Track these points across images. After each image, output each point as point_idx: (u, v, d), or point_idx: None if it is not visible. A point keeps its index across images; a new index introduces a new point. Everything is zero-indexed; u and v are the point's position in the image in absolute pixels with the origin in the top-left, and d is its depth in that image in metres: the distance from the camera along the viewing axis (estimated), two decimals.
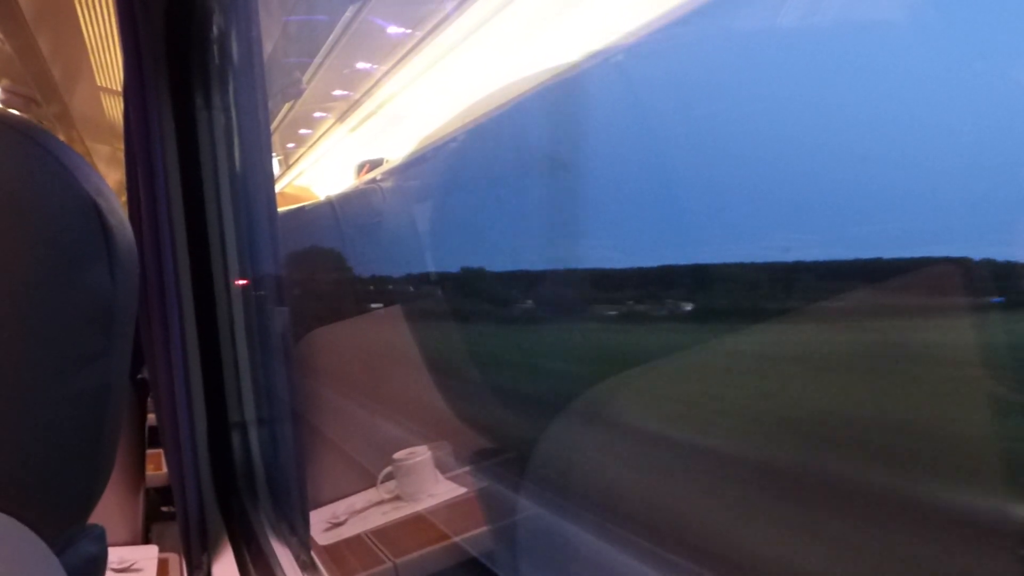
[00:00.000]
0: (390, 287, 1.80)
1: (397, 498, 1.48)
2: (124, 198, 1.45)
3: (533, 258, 0.87)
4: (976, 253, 0.40)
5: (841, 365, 0.49)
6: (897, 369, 0.45)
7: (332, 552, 1.38)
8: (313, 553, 1.28)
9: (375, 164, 3.22)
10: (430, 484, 1.47)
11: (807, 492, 0.51)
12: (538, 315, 0.91)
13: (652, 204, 0.69)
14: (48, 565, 0.40)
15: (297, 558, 1.24)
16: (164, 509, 2.37)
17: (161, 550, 1.72)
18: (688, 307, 0.69)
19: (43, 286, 0.43)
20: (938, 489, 0.43)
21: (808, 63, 0.51)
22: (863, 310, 0.48)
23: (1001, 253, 0.39)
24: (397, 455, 1.49)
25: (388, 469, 1.49)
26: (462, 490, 1.44)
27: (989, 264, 0.40)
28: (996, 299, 0.40)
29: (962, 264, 0.41)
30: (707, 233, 0.62)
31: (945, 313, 0.43)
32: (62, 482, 0.46)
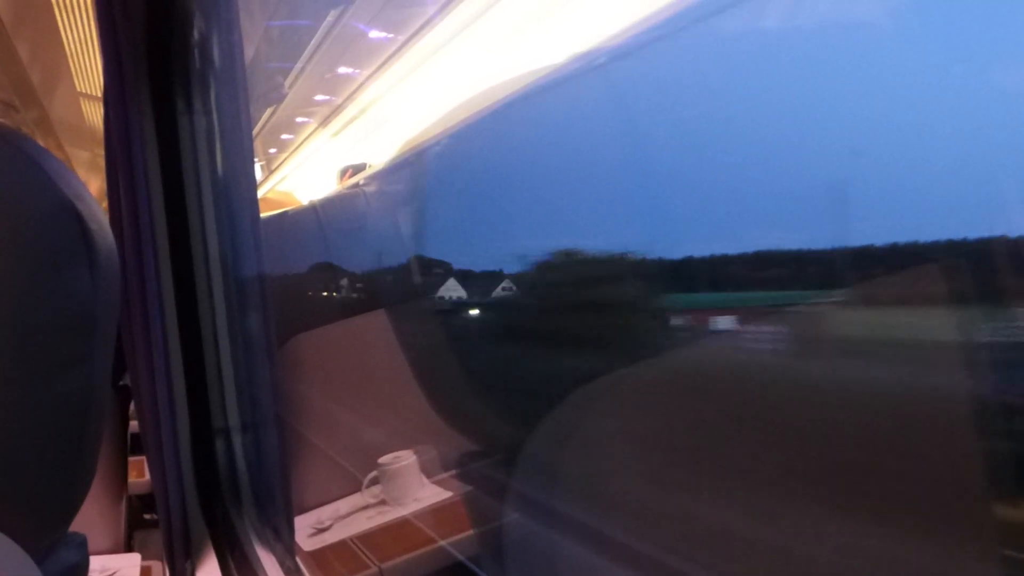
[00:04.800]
0: (374, 290, 1.80)
1: (382, 503, 1.48)
2: (105, 204, 1.44)
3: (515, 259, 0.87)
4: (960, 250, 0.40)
5: (827, 360, 0.49)
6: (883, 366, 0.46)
7: (317, 558, 1.37)
8: (298, 559, 1.28)
9: (358, 169, 3.22)
10: (415, 488, 1.47)
11: (798, 493, 0.51)
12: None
13: (638, 204, 0.70)
14: (28, 573, 0.40)
15: (282, 564, 1.23)
16: (147, 516, 2.36)
17: (144, 558, 1.71)
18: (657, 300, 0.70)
19: (23, 291, 0.43)
20: (925, 487, 0.43)
21: (791, 64, 0.52)
22: (848, 306, 0.48)
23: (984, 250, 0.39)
24: (382, 459, 1.48)
25: (373, 474, 1.49)
26: (448, 494, 1.43)
27: (973, 262, 0.40)
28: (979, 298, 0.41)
29: (947, 263, 0.41)
30: (695, 230, 0.62)
31: (929, 311, 0.43)
32: (42, 489, 0.45)
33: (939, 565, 0.43)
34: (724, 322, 0.61)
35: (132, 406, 2.10)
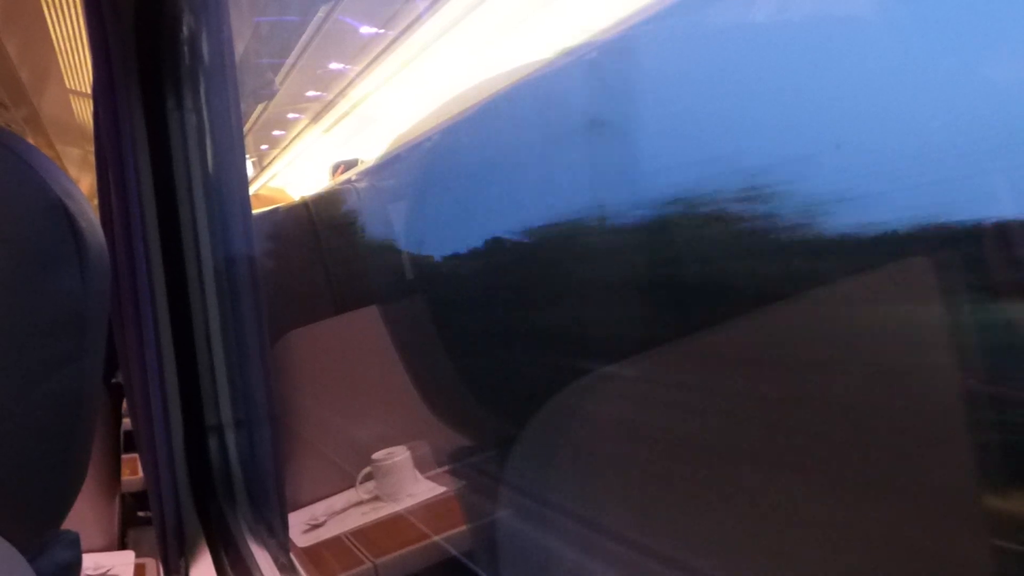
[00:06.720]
0: (367, 287, 1.80)
1: (376, 498, 1.48)
2: (96, 202, 1.43)
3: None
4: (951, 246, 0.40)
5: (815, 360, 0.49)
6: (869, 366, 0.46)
7: (311, 554, 1.38)
8: (292, 555, 1.28)
9: (350, 165, 3.21)
10: (409, 484, 1.47)
11: (792, 489, 0.51)
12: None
13: (628, 203, 0.70)
14: (20, 571, 0.40)
15: (276, 560, 1.23)
16: (140, 514, 2.36)
17: (138, 555, 1.70)
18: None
19: (12, 290, 0.43)
20: (914, 482, 0.44)
21: (785, 57, 0.52)
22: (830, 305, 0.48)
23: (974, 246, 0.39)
24: (376, 455, 1.49)
25: (367, 469, 1.49)
26: (441, 489, 1.44)
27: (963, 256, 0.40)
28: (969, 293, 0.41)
29: (936, 258, 0.41)
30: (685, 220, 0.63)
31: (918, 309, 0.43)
32: (34, 487, 0.45)
33: (932, 555, 0.43)
34: (708, 316, 0.61)
35: (125, 403, 2.10)
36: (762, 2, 0.56)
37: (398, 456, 1.48)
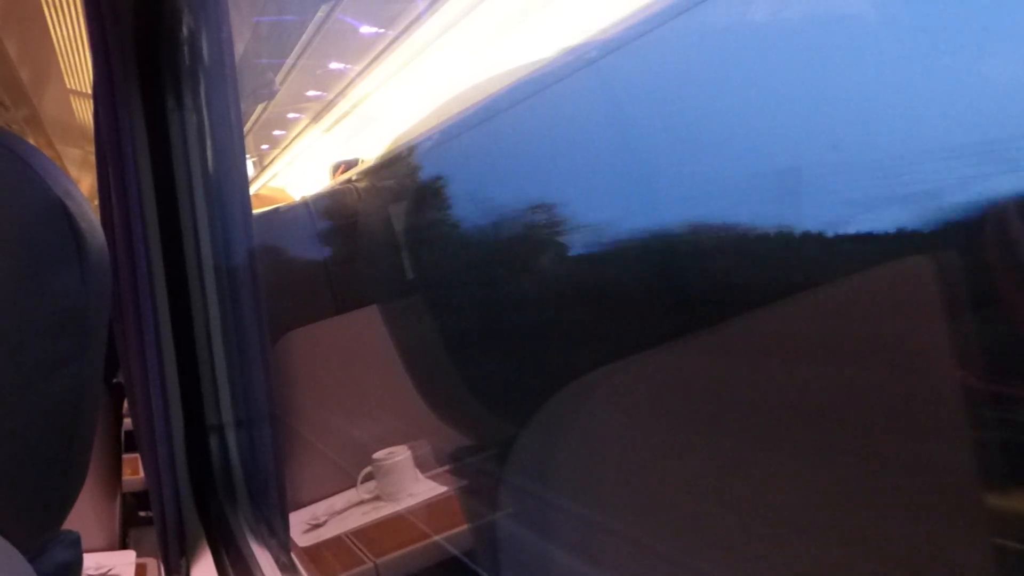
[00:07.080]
0: (368, 287, 1.80)
1: (377, 498, 1.48)
2: (96, 202, 1.44)
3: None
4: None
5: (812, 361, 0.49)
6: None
7: (312, 553, 1.38)
8: (293, 555, 1.28)
9: (350, 164, 3.21)
10: (410, 483, 1.47)
11: (792, 489, 0.51)
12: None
13: (630, 195, 0.70)
14: (21, 571, 0.40)
15: (277, 560, 1.23)
16: (141, 514, 2.36)
17: (139, 555, 1.71)
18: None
19: (13, 291, 0.43)
20: (914, 481, 0.44)
21: (789, 57, 0.52)
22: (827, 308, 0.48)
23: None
24: (376, 455, 1.49)
25: (368, 469, 1.49)
26: (442, 489, 1.44)
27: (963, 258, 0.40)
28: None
29: (936, 257, 0.41)
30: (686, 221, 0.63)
31: (915, 312, 0.43)
32: (34, 488, 0.45)
33: (932, 554, 0.43)
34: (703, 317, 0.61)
35: (126, 403, 2.10)
36: (761, 2, 0.56)
37: (399, 456, 1.48)
